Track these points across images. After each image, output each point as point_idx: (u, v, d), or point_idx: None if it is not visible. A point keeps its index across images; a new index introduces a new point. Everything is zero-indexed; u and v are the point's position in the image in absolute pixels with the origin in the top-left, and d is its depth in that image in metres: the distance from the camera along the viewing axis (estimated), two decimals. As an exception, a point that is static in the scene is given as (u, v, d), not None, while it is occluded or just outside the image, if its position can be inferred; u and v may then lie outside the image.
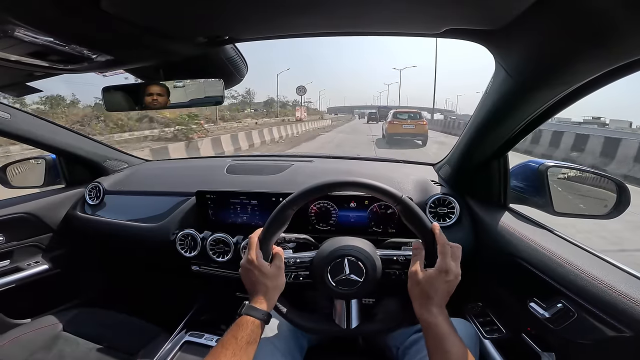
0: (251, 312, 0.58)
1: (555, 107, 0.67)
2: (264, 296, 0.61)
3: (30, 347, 0.93)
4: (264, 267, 0.63)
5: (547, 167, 0.86)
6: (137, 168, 1.49)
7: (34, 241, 1.24)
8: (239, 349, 0.53)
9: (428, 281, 0.58)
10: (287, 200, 0.67)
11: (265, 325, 0.59)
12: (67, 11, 0.48)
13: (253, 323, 0.57)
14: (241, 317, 0.58)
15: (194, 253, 1.07)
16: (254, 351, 0.56)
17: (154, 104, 0.79)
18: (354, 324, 0.68)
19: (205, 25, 0.59)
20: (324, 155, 1.45)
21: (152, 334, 1.03)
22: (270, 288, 0.62)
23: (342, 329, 0.68)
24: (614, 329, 0.54)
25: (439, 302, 0.57)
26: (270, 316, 0.61)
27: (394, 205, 0.66)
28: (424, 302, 0.57)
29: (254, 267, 0.63)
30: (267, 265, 0.64)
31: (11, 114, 1.07)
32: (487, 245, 0.90)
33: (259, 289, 0.62)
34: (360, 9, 0.52)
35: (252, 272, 0.63)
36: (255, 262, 0.63)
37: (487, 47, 0.59)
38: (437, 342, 0.54)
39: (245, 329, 0.56)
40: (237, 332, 0.55)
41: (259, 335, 0.58)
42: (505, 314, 0.88)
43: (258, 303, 0.60)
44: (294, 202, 0.67)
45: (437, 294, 0.57)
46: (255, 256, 0.63)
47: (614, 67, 0.49)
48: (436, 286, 0.57)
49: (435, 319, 0.55)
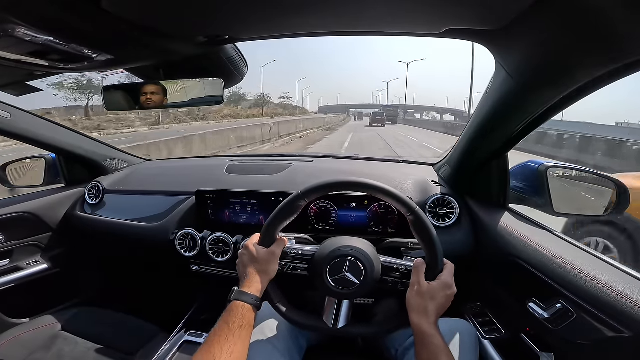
0: (240, 297, 0.59)
1: (556, 108, 0.67)
2: (251, 280, 0.62)
3: (29, 346, 0.93)
4: (256, 250, 0.65)
5: (547, 167, 0.86)
6: (136, 167, 1.49)
7: (34, 240, 1.24)
8: (232, 334, 0.54)
9: (430, 293, 0.60)
10: (302, 191, 0.67)
11: (257, 310, 0.60)
12: (68, 10, 0.48)
13: (243, 307, 0.58)
14: (231, 302, 0.59)
15: (193, 253, 1.07)
16: (249, 336, 0.57)
17: (154, 104, 0.79)
18: (341, 324, 0.68)
19: (205, 25, 0.59)
20: (323, 155, 1.45)
21: (151, 334, 1.03)
22: (258, 272, 0.63)
23: (328, 327, 0.68)
24: (613, 330, 0.54)
25: (437, 315, 0.59)
26: (261, 301, 0.62)
27: (407, 215, 0.65)
28: (423, 313, 0.59)
29: (246, 251, 0.66)
30: (260, 249, 0.65)
31: (11, 113, 1.07)
32: (486, 245, 0.90)
33: (247, 272, 0.63)
34: (361, 9, 0.52)
35: (244, 256, 0.66)
36: (249, 247, 0.66)
37: (487, 47, 0.59)
38: (432, 354, 0.55)
39: (236, 313, 0.57)
40: (228, 317, 0.56)
41: (251, 319, 0.58)
42: (504, 314, 0.88)
43: (246, 287, 0.61)
44: (308, 194, 0.67)
45: (437, 307, 0.59)
46: (251, 242, 0.67)
47: (614, 67, 0.49)
48: (437, 299, 0.59)
49: (432, 331, 0.57)
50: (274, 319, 0.79)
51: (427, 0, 0.47)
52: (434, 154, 9.94)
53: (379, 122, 31.00)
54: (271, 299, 0.69)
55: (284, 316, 0.70)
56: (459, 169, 1.00)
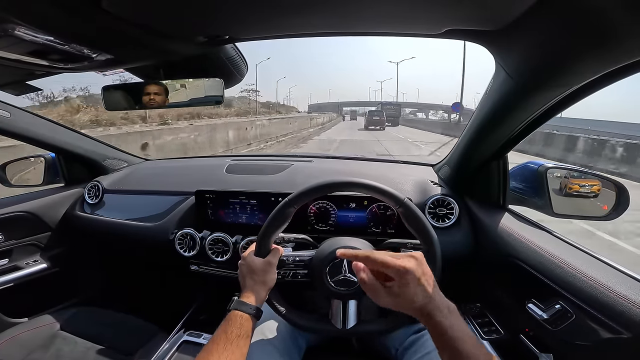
0: (240, 307, 0.59)
1: (556, 108, 0.67)
2: (250, 291, 0.62)
3: (27, 346, 0.93)
4: (253, 262, 0.66)
5: (547, 168, 0.86)
6: (136, 167, 1.49)
7: (33, 240, 1.24)
8: (230, 343, 0.54)
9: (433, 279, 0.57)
10: (289, 199, 0.67)
11: (256, 320, 0.60)
12: (68, 10, 0.48)
13: (242, 317, 0.58)
14: (230, 312, 0.59)
15: (192, 252, 1.07)
16: (247, 345, 0.57)
17: (154, 103, 0.79)
18: (350, 325, 0.68)
19: (205, 25, 0.59)
20: (323, 155, 1.46)
21: (151, 334, 1.03)
22: (256, 283, 0.64)
23: (338, 329, 0.68)
24: (612, 331, 0.54)
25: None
26: (261, 311, 0.62)
27: (396, 208, 0.66)
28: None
29: (244, 262, 0.67)
30: (257, 260, 0.66)
31: (11, 113, 1.07)
32: (485, 246, 0.90)
33: (246, 283, 0.64)
34: (361, 9, 0.52)
35: (242, 267, 0.67)
36: (246, 258, 0.67)
37: (487, 47, 0.59)
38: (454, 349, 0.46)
39: (234, 323, 0.57)
40: (226, 327, 0.56)
41: (249, 329, 0.58)
42: (503, 315, 0.88)
43: (246, 297, 0.61)
44: (296, 201, 0.67)
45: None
46: (248, 253, 0.68)
47: (614, 68, 0.49)
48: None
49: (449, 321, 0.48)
50: (273, 319, 0.79)
51: (427, 1, 0.47)
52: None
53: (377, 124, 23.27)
54: (278, 309, 0.69)
55: (293, 323, 0.69)
56: (459, 169, 1.00)
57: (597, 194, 0.84)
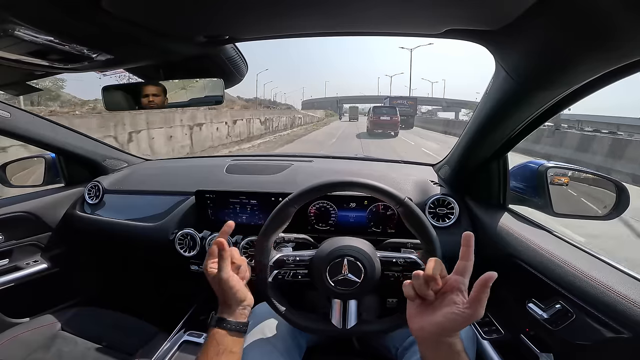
0: (217, 324, 0.56)
1: (556, 108, 0.67)
2: (225, 306, 0.59)
3: (28, 346, 0.93)
4: (213, 281, 0.59)
5: (547, 167, 0.86)
6: (136, 167, 1.49)
7: (33, 240, 1.24)
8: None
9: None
10: (289, 198, 0.67)
11: (240, 333, 0.57)
12: (68, 10, 0.47)
13: (219, 334, 0.55)
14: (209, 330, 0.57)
15: (193, 253, 1.07)
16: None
17: (154, 104, 0.79)
18: (351, 324, 0.68)
19: (205, 24, 0.59)
20: (323, 155, 1.46)
21: (151, 334, 1.03)
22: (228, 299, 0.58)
23: (338, 329, 0.68)
24: (613, 330, 0.54)
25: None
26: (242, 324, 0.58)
27: (396, 207, 0.66)
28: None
29: (208, 278, 0.59)
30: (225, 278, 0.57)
31: (11, 113, 1.07)
32: (486, 245, 0.90)
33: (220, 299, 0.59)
34: (361, 9, 0.52)
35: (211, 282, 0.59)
36: (208, 275, 0.59)
37: (487, 47, 0.59)
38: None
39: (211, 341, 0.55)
40: (205, 346, 0.55)
41: (230, 344, 0.55)
42: (503, 314, 0.88)
43: (222, 313, 0.58)
44: (296, 201, 0.67)
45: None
46: (209, 269, 0.59)
47: (614, 68, 0.49)
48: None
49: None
50: (273, 318, 0.79)
51: (427, 1, 0.47)
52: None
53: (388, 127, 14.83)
54: (277, 309, 0.69)
55: (294, 324, 0.69)
56: (459, 169, 1.00)
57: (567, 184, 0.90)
